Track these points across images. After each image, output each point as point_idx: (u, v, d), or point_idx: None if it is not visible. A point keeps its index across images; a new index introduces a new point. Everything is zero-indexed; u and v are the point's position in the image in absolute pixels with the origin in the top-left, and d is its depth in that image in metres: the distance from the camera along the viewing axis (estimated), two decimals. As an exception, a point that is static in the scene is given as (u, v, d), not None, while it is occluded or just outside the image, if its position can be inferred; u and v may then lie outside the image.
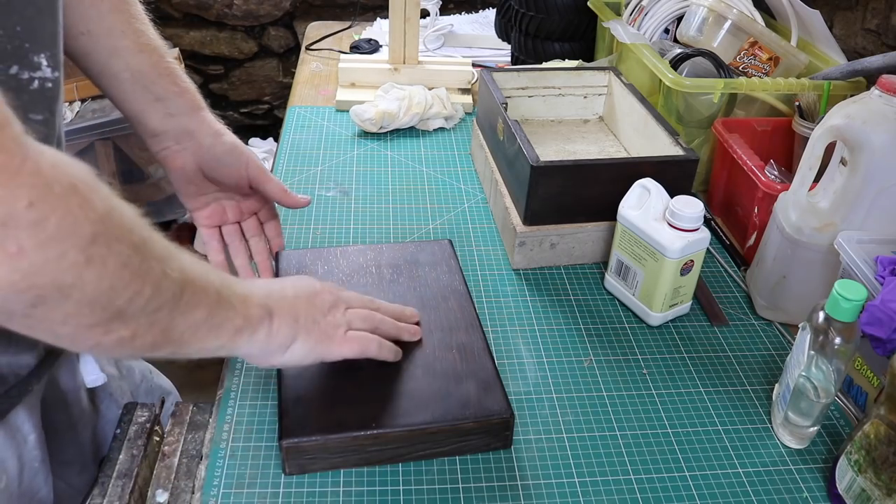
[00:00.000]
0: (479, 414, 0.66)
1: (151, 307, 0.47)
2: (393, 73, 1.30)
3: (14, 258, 0.38)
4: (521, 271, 0.91)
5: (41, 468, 0.66)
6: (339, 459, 0.65)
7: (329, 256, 0.84)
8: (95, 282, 0.43)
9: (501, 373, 0.73)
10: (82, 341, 0.46)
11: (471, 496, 0.64)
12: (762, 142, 1.00)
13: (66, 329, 0.44)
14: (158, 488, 0.66)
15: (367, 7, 1.93)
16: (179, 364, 0.59)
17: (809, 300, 0.68)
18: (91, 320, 0.44)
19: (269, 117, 2.40)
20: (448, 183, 1.09)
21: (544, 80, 1.11)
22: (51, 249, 0.40)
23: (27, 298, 0.40)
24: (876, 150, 0.71)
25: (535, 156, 0.86)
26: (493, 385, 0.69)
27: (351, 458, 0.65)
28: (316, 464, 0.64)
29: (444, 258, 0.85)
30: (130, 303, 0.45)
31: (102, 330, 0.45)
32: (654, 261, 0.80)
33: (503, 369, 0.76)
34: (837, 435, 0.72)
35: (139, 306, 0.46)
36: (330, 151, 1.15)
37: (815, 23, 1.09)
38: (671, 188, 0.82)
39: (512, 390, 0.74)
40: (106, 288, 0.44)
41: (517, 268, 0.92)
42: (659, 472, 0.67)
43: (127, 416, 0.73)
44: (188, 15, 2.20)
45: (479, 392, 0.68)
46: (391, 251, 0.85)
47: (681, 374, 0.78)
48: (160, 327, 0.49)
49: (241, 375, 0.74)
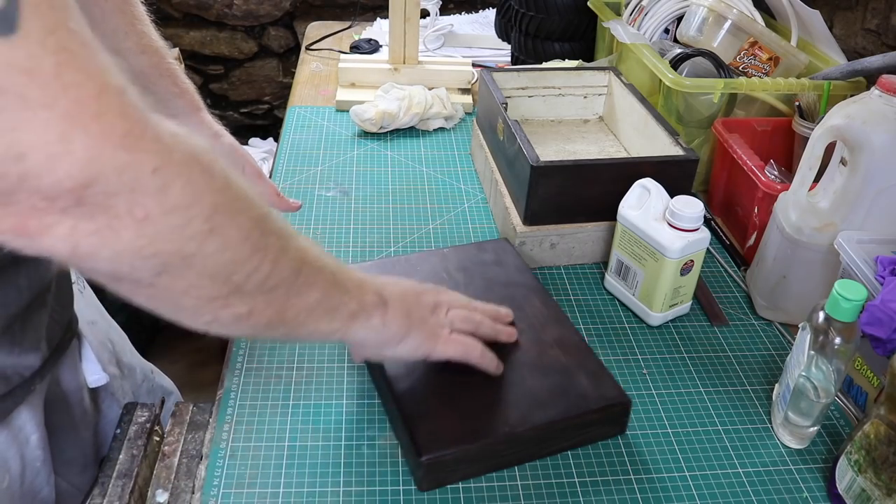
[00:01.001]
0: (601, 404, 0.67)
1: (269, 284, 0.48)
2: (393, 73, 1.30)
3: (141, 224, 0.39)
4: (521, 271, 0.91)
5: (43, 468, 0.66)
6: (474, 468, 0.65)
7: (395, 266, 0.82)
8: (217, 253, 0.43)
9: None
10: (201, 315, 0.47)
11: (470, 496, 0.64)
12: (762, 142, 1.00)
13: (187, 300, 0.45)
14: (158, 488, 0.66)
15: (367, 7, 1.93)
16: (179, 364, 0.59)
17: (809, 300, 0.68)
18: (211, 293, 0.45)
19: (269, 117, 2.40)
20: (448, 183, 1.09)
21: (544, 80, 1.11)
22: (176, 216, 0.40)
23: (152, 265, 0.41)
24: (876, 150, 0.71)
25: (535, 156, 0.86)
26: (602, 374, 0.70)
27: (485, 465, 0.65)
28: (453, 475, 0.64)
29: (507, 257, 0.85)
30: (248, 278, 0.46)
31: (221, 303, 0.46)
32: (654, 261, 0.80)
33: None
34: (837, 435, 0.72)
35: (257, 282, 0.47)
36: (330, 151, 1.15)
37: (815, 23, 1.09)
38: (671, 188, 0.82)
39: (512, 390, 0.74)
40: (227, 260, 0.44)
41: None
42: (659, 472, 0.67)
43: (127, 415, 0.73)
44: (188, 15, 2.20)
45: (592, 382, 0.69)
46: (455, 255, 0.85)
47: (681, 374, 0.78)
48: (276, 306, 0.50)
49: (241, 375, 0.74)
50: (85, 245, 0.38)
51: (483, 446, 0.64)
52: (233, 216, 0.44)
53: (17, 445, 0.63)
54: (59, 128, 0.34)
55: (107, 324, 0.85)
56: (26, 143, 0.34)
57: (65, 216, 0.37)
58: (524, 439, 0.65)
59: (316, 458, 0.66)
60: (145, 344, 1.62)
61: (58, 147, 0.35)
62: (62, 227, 0.37)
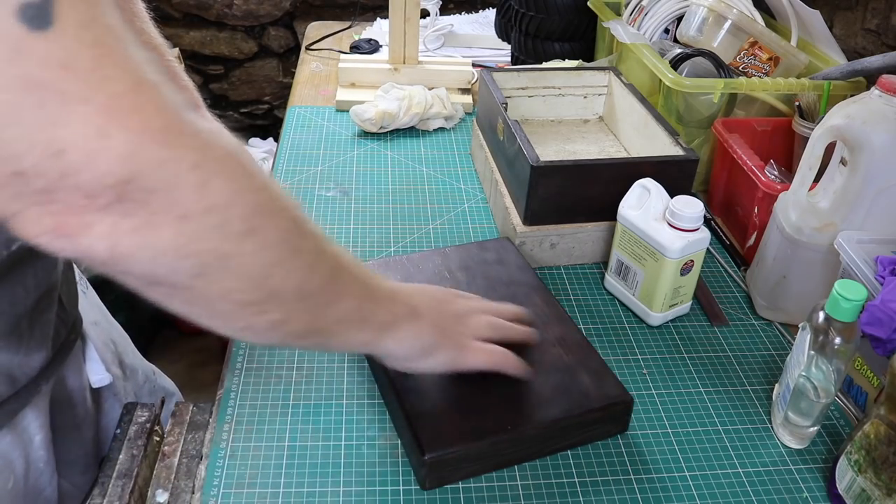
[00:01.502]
0: (603, 402, 0.67)
1: (304, 291, 0.47)
2: (393, 73, 1.30)
3: (180, 221, 0.38)
4: (521, 271, 0.91)
5: (46, 468, 0.66)
6: (477, 466, 0.65)
7: (397, 265, 0.82)
8: (255, 254, 0.43)
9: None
10: (236, 321, 0.46)
11: (470, 496, 0.64)
12: (762, 142, 1.00)
13: (223, 305, 0.44)
14: (158, 488, 0.66)
15: (367, 7, 1.93)
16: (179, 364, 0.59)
17: (809, 300, 0.68)
18: (247, 297, 0.44)
19: (269, 117, 2.40)
20: (448, 183, 1.09)
21: (544, 80, 1.11)
22: (215, 215, 0.40)
23: (190, 266, 0.40)
24: (876, 150, 0.71)
25: (535, 156, 0.86)
26: (604, 372, 0.70)
27: (488, 463, 0.65)
28: (456, 474, 0.64)
29: (509, 256, 0.85)
30: (284, 282, 0.46)
31: (257, 309, 0.46)
32: (654, 261, 0.80)
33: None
34: (837, 435, 0.72)
35: (293, 287, 0.46)
36: (330, 151, 1.15)
37: (815, 23, 1.09)
38: (671, 188, 0.82)
39: (512, 390, 0.74)
40: (265, 262, 0.44)
41: (517, 268, 0.92)
42: (659, 472, 0.67)
43: (127, 416, 0.73)
44: (188, 15, 2.20)
45: (595, 381, 0.69)
46: (456, 254, 0.84)
47: (681, 374, 0.78)
48: (311, 314, 0.50)
49: (241, 375, 0.74)
50: (125, 244, 0.38)
51: (486, 445, 0.64)
52: (271, 216, 0.43)
53: (22, 446, 0.63)
54: (98, 122, 0.34)
55: (109, 325, 0.85)
56: (65, 139, 0.34)
57: (105, 214, 0.36)
58: (527, 438, 0.65)
59: (316, 458, 0.66)
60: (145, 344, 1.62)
61: (96, 143, 0.34)
62: (103, 225, 0.37)
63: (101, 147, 0.34)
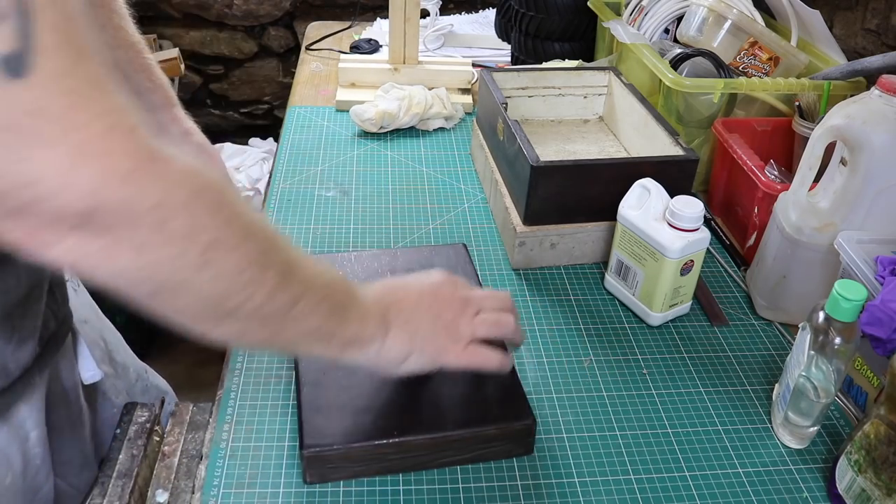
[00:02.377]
0: (502, 421, 0.66)
1: (262, 312, 0.49)
2: (393, 73, 1.30)
3: (137, 251, 0.41)
4: (521, 271, 0.91)
5: (42, 466, 0.66)
6: (360, 468, 0.64)
7: (343, 262, 0.83)
8: (210, 283, 0.45)
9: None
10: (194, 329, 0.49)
11: (471, 496, 0.64)
12: (762, 142, 1.00)
13: (180, 318, 0.47)
14: (158, 488, 0.66)
15: (367, 7, 1.93)
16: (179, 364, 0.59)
17: (809, 300, 0.68)
18: (203, 315, 0.48)
19: (269, 117, 2.40)
20: (448, 183, 1.09)
21: (544, 80, 1.11)
22: (171, 248, 0.42)
23: (146, 288, 0.44)
24: (876, 150, 0.71)
25: (535, 156, 0.86)
26: (513, 391, 0.68)
27: (373, 467, 0.64)
28: (337, 472, 0.64)
29: (459, 262, 0.84)
30: (240, 307, 0.48)
31: (213, 325, 0.49)
32: (654, 261, 0.80)
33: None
34: (837, 435, 0.72)
35: (249, 310, 0.48)
36: (330, 151, 1.15)
37: (815, 23, 1.09)
38: (671, 188, 0.82)
39: (512, 390, 0.74)
40: (220, 290, 0.46)
41: (517, 268, 0.92)
42: (659, 472, 0.67)
43: (127, 416, 0.73)
44: (188, 15, 2.20)
45: (501, 398, 0.67)
46: (406, 255, 0.84)
47: (681, 374, 0.78)
48: (269, 331, 0.52)
49: (241, 375, 0.74)
50: (87, 261, 0.41)
51: (368, 447, 0.63)
52: (230, 251, 0.45)
53: (19, 442, 0.63)
54: (66, 162, 0.37)
55: (100, 322, 0.85)
56: (36, 173, 0.37)
57: (71, 233, 0.39)
58: (413, 446, 0.64)
59: (316, 458, 0.66)
60: (145, 344, 1.62)
61: (65, 178, 0.37)
62: (67, 242, 0.40)
63: (68, 182, 0.37)
